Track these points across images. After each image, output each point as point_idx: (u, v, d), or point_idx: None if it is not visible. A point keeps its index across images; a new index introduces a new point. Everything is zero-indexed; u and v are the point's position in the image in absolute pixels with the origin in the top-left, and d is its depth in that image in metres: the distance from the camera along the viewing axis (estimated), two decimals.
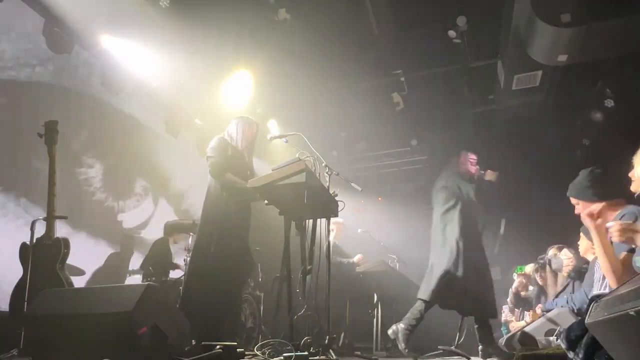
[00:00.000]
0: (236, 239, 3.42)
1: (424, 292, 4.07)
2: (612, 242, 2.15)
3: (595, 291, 2.87)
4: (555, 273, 4.49)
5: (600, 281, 2.84)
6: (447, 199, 4.31)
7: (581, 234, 3.62)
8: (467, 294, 3.99)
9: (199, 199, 3.63)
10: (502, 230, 7.50)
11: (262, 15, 5.16)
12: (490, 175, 4.41)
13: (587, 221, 2.29)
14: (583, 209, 2.49)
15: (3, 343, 2.95)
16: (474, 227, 4.24)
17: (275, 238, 3.70)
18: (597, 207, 2.41)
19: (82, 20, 4.86)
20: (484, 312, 4.10)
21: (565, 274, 4.24)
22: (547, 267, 4.56)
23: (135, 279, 5.25)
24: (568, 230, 4.18)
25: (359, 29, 5.51)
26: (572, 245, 4.10)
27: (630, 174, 2.26)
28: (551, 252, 4.54)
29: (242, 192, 3.37)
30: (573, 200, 2.58)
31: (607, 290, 2.70)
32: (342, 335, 5.49)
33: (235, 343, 2.90)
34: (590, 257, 3.58)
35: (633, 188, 2.25)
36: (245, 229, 3.54)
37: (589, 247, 3.52)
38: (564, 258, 4.27)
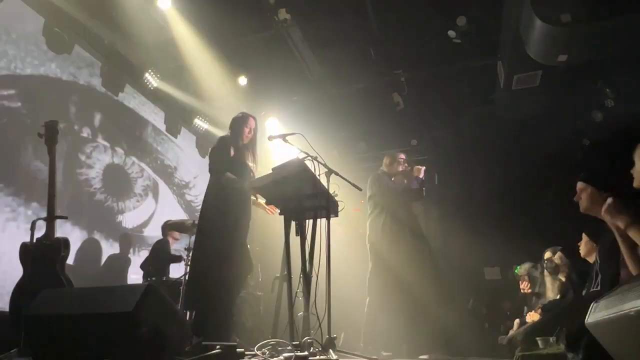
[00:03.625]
0: (236, 238, 3.42)
1: None
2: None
3: (592, 289, 2.87)
4: (551, 275, 4.49)
5: (594, 280, 2.84)
6: (373, 207, 4.30)
7: (583, 235, 3.61)
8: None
9: (204, 190, 3.60)
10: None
11: (263, 15, 5.16)
12: (417, 172, 4.36)
13: (607, 218, 2.13)
14: (586, 196, 2.40)
15: (3, 343, 2.95)
16: (401, 232, 4.16)
17: (275, 238, 3.70)
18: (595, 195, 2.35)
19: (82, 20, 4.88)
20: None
21: (563, 279, 4.23)
22: (544, 269, 4.57)
23: (135, 279, 5.25)
24: (568, 230, 4.18)
25: (359, 29, 5.51)
26: (572, 246, 4.09)
27: (632, 171, 2.24)
28: (546, 254, 4.55)
29: (242, 192, 3.37)
30: (578, 185, 2.43)
31: (599, 288, 2.70)
32: (342, 335, 5.48)
33: (235, 343, 2.90)
34: (591, 259, 3.56)
35: (635, 184, 2.22)
36: (245, 229, 3.53)
37: (591, 249, 3.51)
38: (558, 262, 4.28)
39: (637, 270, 1.98)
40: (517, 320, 4.74)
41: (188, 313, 3.53)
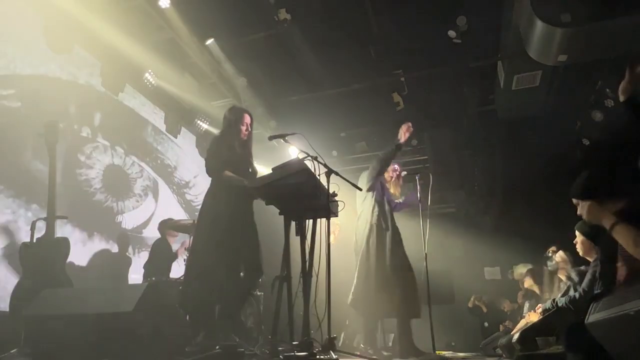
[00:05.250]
0: (237, 239, 3.38)
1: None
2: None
3: (596, 291, 2.87)
4: (552, 274, 4.49)
5: (593, 280, 2.84)
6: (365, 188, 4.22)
7: (577, 232, 3.58)
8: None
9: (204, 190, 3.57)
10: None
11: (263, 15, 5.16)
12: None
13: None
14: (582, 209, 2.48)
15: (3, 343, 2.95)
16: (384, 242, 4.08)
17: (275, 238, 3.69)
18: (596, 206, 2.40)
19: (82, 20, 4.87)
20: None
21: (564, 278, 4.23)
22: (545, 267, 4.57)
23: (135, 279, 5.25)
24: (568, 230, 4.19)
25: (359, 29, 5.51)
26: (572, 246, 4.09)
27: None
28: (548, 253, 4.54)
29: (241, 190, 3.33)
30: (574, 201, 2.57)
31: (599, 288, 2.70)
32: (342, 335, 5.48)
33: (235, 343, 2.90)
34: (591, 258, 3.55)
35: None
36: (241, 229, 3.44)
37: (589, 247, 3.50)
38: (559, 260, 4.27)
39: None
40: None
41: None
